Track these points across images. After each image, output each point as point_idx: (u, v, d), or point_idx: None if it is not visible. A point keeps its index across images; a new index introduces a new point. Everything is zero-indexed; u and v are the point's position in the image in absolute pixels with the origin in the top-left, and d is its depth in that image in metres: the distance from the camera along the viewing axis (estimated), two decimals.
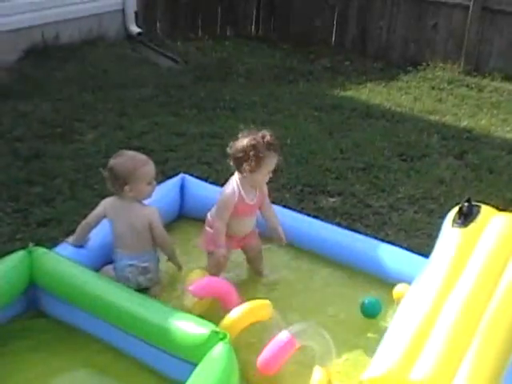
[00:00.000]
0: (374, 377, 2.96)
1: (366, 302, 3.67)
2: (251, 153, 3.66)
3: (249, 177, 3.73)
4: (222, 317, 3.24)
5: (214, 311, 3.51)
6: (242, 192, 3.76)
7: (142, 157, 3.78)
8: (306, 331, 3.23)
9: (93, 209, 3.86)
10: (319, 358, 3.22)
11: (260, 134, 3.71)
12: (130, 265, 3.68)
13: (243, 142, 3.71)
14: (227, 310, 3.33)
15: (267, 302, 3.38)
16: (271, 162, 3.74)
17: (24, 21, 7.53)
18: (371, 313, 3.68)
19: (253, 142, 3.67)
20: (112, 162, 3.73)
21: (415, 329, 3.11)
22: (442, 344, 3.01)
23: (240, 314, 3.27)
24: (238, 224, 3.85)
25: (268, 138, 3.70)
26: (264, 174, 3.77)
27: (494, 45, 8.71)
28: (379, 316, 3.68)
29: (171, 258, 3.91)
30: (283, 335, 3.18)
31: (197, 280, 3.57)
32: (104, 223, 3.79)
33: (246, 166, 3.69)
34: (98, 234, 3.83)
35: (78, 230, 3.79)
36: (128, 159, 3.73)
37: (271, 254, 4.17)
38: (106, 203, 3.79)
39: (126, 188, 3.66)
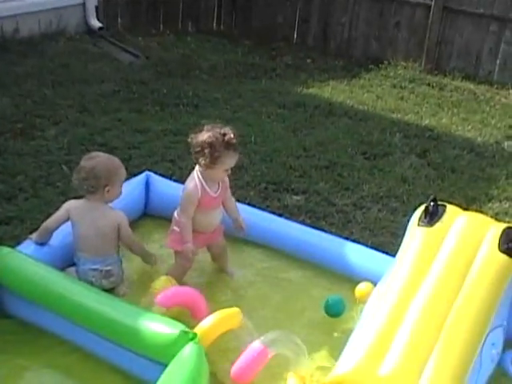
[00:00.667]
0: (341, 374, 2.98)
1: (330, 300, 3.66)
2: (206, 150, 3.64)
3: (205, 171, 3.71)
4: (192, 327, 3.19)
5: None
6: (205, 185, 3.74)
7: (116, 158, 3.79)
8: (278, 339, 3.23)
9: (56, 207, 3.80)
10: (293, 364, 3.22)
11: (221, 131, 3.68)
12: (94, 269, 3.63)
13: (203, 136, 3.68)
14: (197, 320, 3.27)
15: (237, 310, 3.34)
16: (228, 161, 3.71)
17: None
18: (335, 312, 3.67)
19: (210, 140, 3.64)
20: (90, 163, 3.66)
21: (382, 327, 3.15)
22: (409, 342, 3.05)
23: (210, 324, 3.21)
24: (205, 218, 3.81)
25: (228, 136, 3.66)
26: (220, 172, 3.74)
27: (454, 45, 8.81)
28: (343, 315, 3.67)
29: (143, 257, 3.88)
30: (256, 345, 3.17)
31: (163, 289, 3.49)
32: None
33: (201, 161, 3.68)
34: (61, 233, 3.77)
35: (39, 232, 3.71)
36: (107, 159, 3.72)
37: (238, 253, 4.17)
38: (69, 207, 3.72)
39: (106, 189, 3.63)
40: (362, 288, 3.73)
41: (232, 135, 3.68)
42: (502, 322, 3.30)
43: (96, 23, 8.64)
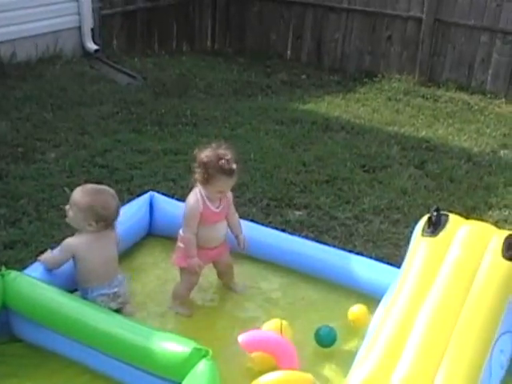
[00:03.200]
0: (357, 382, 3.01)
1: (321, 331, 3.55)
2: (201, 169, 3.67)
3: (203, 188, 3.75)
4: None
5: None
6: (206, 199, 3.75)
7: (112, 191, 3.72)
8: None
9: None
10: None
11: (218, 153, 3.66)
12: (101, 294, 3.63)
13: (202, 154, 3.69)
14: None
15: (310, 376, 3.21)
16: (220, 184, 3.70)
17: None
18: (325, 343, 3.56)
19: (205, 160, 3.65)
20: (87, 199, 3.58)
21: (392, 336, 3.17)
22: (419, 350, 3.07)
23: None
24: (208, 233, 3.82)
25: (222, 161, 3.63)
26: (213, 192, 3.74)
27: (446, 56, 8.90)
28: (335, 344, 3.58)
29: None
30: None
31: (250, 331, 3.38)
32: None
33: (197, 177, 3.72)
34: None
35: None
36: (109, 197, 3.65)
37: (242, 270, 4.19)
38: (73, 246, 3.61)
39: (101, 224, 3.60)
40: (354, 311, 3.71)
41: (227, 160, 3.65)
42: (509, 328, 3.33)
43: (92, 46, 8.71)
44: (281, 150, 6.42)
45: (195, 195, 3.78)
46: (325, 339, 3.54)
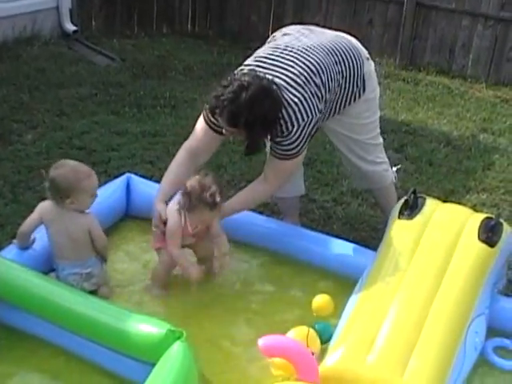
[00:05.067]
0: (330, 365, 3.02)
1: (316, 327, 3.43)
2: (183, 197, 3.64)
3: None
4: None
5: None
6: (187, 220, 3.70)
7: (84, 169, 3.65)
8: None
9: None
10: None
11: (202, 185, 3.61)
12: (74, 273, 3.61)
13: (189, 181, 3.65)
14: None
15: None
16: (202, 215, 3.65)
17: None
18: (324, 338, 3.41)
19: (188, 189, 3.62)
20: (53, 173, 3.59)
21: (367, 318, 3.20)
22: (394, 332, 3.11)
23: None
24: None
25: (206, 194, 3.57)
26: (195, 220, 3.69)
27: (428, 40, 8.89)
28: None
29: (102, 254, 3.80)
30: None
31: (273, 335, 3.18)
32: None
33: (181, 203, 3.67)
34: (43, 237, 3.76)
35: (17, 237, 3.69)
36: (70, 171, 3.59)
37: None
38: (42, 209, 3.66)
39: (67, 201, 3.57)
40: (318, 300, 3.66)
41: (211, 193, 3.58)
42: (484, 310, 3.36)
43: (70, 26, 8.60)
44: None
45: (177, 213, 3.70)
46: (321, 335, 3.38)
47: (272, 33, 4.22)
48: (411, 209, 3.65)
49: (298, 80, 3.68)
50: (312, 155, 5.89)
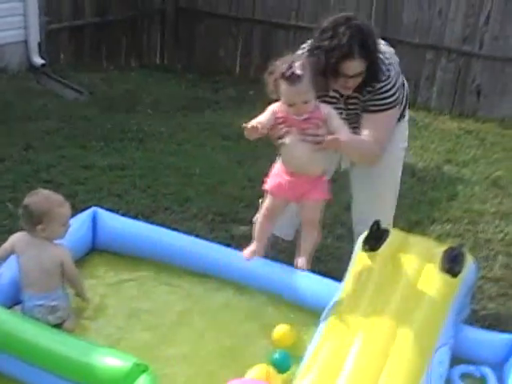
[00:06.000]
0: None
1: (276, 356, 3.45)
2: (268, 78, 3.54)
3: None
4: None
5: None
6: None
7: (57, 197, 3.75)
8: None
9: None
10: None
11: (284, 60, 3.48)
12: (39, 305, 3.60)
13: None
14: None
15: None
16: (283, 93, 3.49)
17: None
18: (283, 368, 3.44)
19: (271, 69, 3.52)
20: (27, 200, 3.67)
21: (331, 353, 3.20)
22: (357, 367, 3.11)
23: None
24: (288, 149, 3.66)
25: (284, 66, 3.42)
26: (283, 103, 3.54)
27: None
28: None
29: (80, 293, 3.86)
30: None
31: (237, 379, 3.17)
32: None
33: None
34: (9, 270, 3.75)
35: None
36: (43, 198, 3.69)
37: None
38: (14, 238, 3.72)
39: (39, 227, 3.61)
40: (278, 331, 3.67)
41: (290, 65, 3.42)
42: (448, 340, 3.39)
43: (39, 60, 8.60)
44: (227, 166, 6.44)
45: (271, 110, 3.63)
46: (280, 365, 3.41)
47: (239, 68, 4.24)
48: (375, 241, 3.68)
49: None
50: None
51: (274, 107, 3.63)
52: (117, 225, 4.41)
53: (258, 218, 3.83)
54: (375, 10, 8.96)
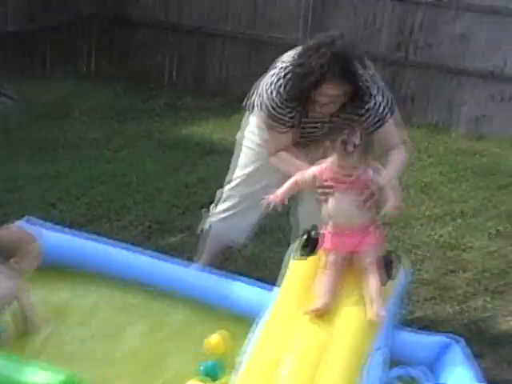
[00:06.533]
0: None
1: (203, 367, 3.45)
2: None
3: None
4: None
5: None
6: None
7: (29, 234, 3.72)
8: None
9: None
10: None
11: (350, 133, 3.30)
12: None
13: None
14: None
15: None
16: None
17: None
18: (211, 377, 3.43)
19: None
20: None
21: (264, 362, 3.18)
22: (292, 376, 3.10)
23: None
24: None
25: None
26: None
27: None
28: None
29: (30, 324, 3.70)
30: None
31: None
32: None
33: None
34: None
35: None
36: (15, 234, 3.67)
37: None
38: None
39: (13, 260, 3.53)
40: (210, 339, 3.66)
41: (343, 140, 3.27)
42: (385, 342, 3.41)
43: None
44: (163, 173, 6.40)
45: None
46: (209, 374, 3.41)
47: (176, 74, 4.19)
48: (306, 248, 3.69)
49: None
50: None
51: (315, 171, 3.47)
52: (48, 235, 4.30)
53: (324, 275, 3.55)
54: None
